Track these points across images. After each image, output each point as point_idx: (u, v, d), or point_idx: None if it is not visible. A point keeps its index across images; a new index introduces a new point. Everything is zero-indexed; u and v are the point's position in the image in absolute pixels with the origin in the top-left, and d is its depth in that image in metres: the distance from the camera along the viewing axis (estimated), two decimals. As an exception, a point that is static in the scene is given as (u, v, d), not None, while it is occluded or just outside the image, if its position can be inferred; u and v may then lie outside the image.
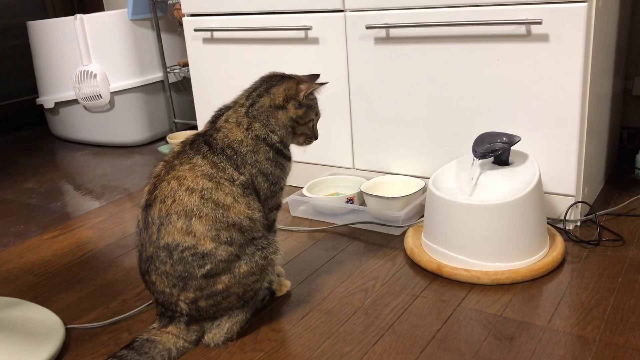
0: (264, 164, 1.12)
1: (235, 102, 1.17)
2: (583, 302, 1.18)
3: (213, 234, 1.05)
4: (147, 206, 1.08)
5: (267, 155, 1.13)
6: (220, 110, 1.17)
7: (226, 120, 1.13)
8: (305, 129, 1.19)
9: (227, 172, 1.08)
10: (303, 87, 1.15)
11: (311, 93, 1.17)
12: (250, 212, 1.09)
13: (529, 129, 1.46)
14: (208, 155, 1.09)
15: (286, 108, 1.15)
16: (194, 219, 1.04)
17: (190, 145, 1.12)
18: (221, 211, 1.05)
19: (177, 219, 1.04)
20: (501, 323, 1.13)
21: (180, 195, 1.05)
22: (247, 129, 1.12)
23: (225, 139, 1.11)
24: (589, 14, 1.33)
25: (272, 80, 1.17)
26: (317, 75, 1.24)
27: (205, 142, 1.11)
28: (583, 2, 1.32)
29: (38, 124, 2.96)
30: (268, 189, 1.14)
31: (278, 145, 1.15)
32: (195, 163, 1.08)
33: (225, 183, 1.07)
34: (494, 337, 1.10)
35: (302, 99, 1.15)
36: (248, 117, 1.13)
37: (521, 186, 1.29)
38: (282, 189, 1.18)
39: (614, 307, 1.16)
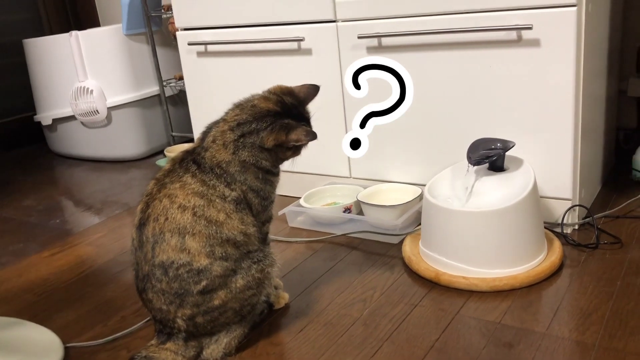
0: (254, 182, 1.12)
1: (224, 121, 1.14)
2: (582, 307, 1.18)
3: (207, 250, 1.05)
4: (141, 225, 1.08)
5: (256, 175, 1.12)
6: (209, 127, 1.15)
7: (213, 141, 1.12)
8: (294, 156, 1.17)
9: (218, 189, 1.08)
10: (293, 137, 1.10)
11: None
12: (244, 227, 1.09)
13: (524, 133, 1.46)
14: (197, 173, 1.09)
15: (275, 151, 1.13)
16: (187, 236, 1.04)
17: (180, 163, 1.12)
18: (214, 227, 1.05)
19: (171, 236, 1.04)
20: (500, 330, 1.13)
21: (172, 213, 1.05)
22: (233, 153, 1.10)
23: (214, 159, 1.10)
24: (579, 18, 1.34)
25: (263, 122, 1.11)
26: (317, 87, 1.20)
27: (194, 161, 1.11)
28: (573, 6, 1.32)
29: (36, 140, 2.97)
30: (260, 204, 1.14)
31: (267, 167, 1.14)
32: (185, 181, 1.08)
33: (217, 200, 1.07)
34: (493, 344, 1.09)
35: (291, 146, 1.13)
36: (235, 145, 1.10)
37: (517, 192, 1.29)
38: (272, 202, 1.18)
39: (612, 311, 1.15)
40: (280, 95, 1.15)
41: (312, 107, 1.21)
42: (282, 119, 1.12)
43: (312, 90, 1.19)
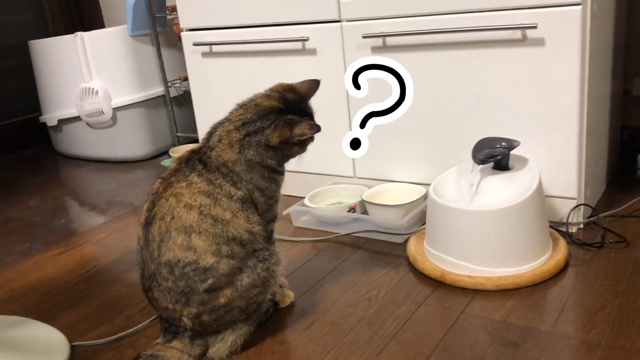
0: (259, 181, 1.12)
1: (229, 120, 1.14)
2: (588, 305, 1.18)
3: (214, 248, 1.05)
4: (147, 224, 1.08)
5: (262, 174, 1.13)
6: (214, 127, 1.16)
7: (219, 140, 1.12)
8: (300, 152, 1.17)
9: (224, 188, 1.09)
10: (297, 132, 1.10)
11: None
12: (249, 225, 1.09)
13: (528, 132, 1.46)
14: (203, 173, 1.09)
15: (281, 148, 1.13)
16: (193, 234, 1.04)
17: (186, 163, 1.12)
18: (220, 226, 1.06)
19: (177, 235, 1.05)
20: (505, 329, 1.13)
21: (179, 212, 1.05)
22: (239, 152, 1.10)
23: (219, 158, 1.11)
24: (584, 17, 1.33)
25: (267, 119, 1.11)
26: (318, 82, 1.20)
27: (200, 160, 1.11)
28: (577, 5, 1.32)
29: (42, 141, 2.97)
30: (265, 203, 1.14)
31: (273, 166, 1.14)
32: (192, 181, 1.08)
33: (223, 199, 1.08)
34: (498, 343, 1.09)
35: (296, 142, 1.13)
36: (241, 144, 1.10)
37: (522, 191, 1.29)
38: (277, 201, 1.18)
39: (619, 310, 1.15)
40: (282, 92, 1.16)
41: (314, 102, 1.21)
42: (286, 116, 1.12)
43: (313, 85, 1.20)
